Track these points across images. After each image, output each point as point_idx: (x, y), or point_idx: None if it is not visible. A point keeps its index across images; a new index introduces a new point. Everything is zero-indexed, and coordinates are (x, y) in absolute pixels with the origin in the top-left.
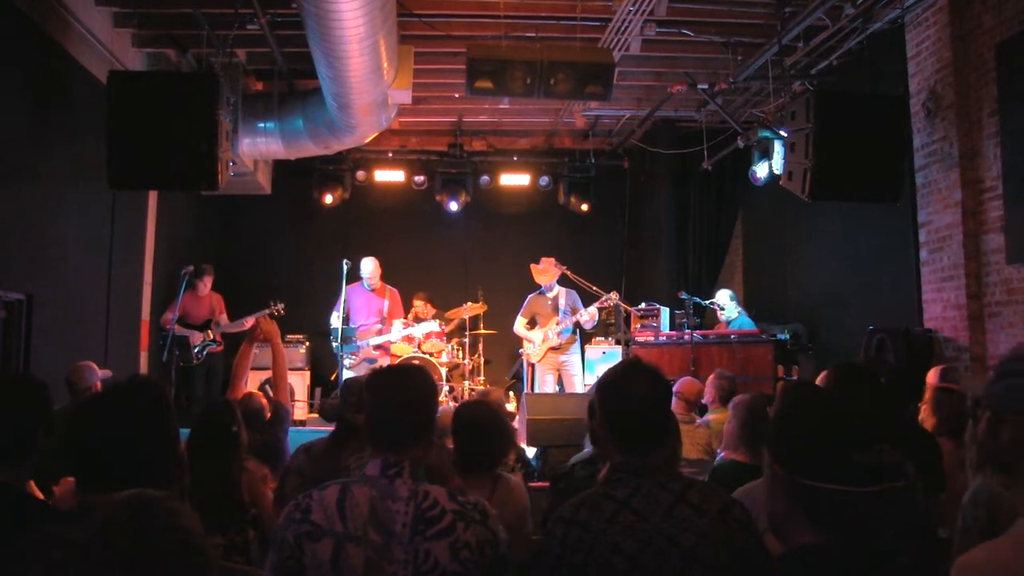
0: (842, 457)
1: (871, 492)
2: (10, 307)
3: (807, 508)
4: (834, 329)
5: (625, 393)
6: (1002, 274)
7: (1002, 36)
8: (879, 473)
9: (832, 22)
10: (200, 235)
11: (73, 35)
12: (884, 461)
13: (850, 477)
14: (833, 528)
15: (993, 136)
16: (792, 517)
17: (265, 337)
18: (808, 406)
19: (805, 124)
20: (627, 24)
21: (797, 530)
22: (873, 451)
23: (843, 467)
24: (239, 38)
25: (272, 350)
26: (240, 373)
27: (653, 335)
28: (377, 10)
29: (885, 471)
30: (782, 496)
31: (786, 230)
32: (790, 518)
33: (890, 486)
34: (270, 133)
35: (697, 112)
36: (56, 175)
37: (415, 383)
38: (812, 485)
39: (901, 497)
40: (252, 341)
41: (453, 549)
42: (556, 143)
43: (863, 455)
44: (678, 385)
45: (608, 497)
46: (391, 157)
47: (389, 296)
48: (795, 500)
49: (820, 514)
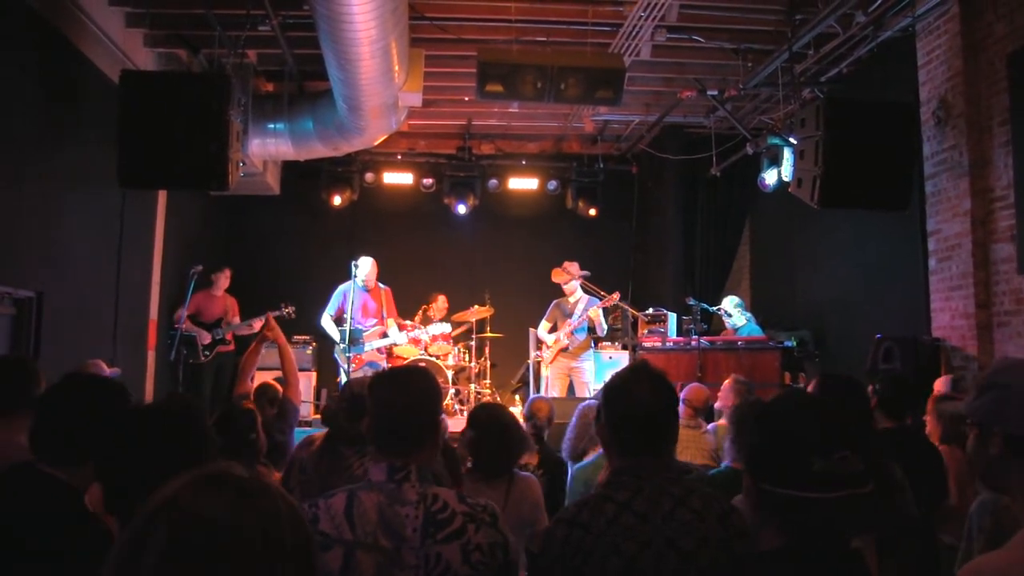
0: (800, 464)
1: (830, 499)
2: (20, 304)
3: (773, 514)
4: (841, 337)
5: (629, 397)
6: (1011, 284)
7: (1014, 46)
8: (839, 480)
9: (843, 30)
10: (208, 235)
11: (85, 34)
12: (844, 469)
13: (809, 483)
14: (798, 533)
15: (1004, 145)
16: (763, 524)
17: (273, 336)
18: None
19: (815, 131)
20: (638, 29)
21: (767, 536)
22: (833, 459)
23: (802, 474)
24: (250, 39)
25: (279, 348)
26: (247, 369)
27: (660, 340)
28: (389, 13)
29: (846, 478)
30: (752, 504)
31: (794, 237)
32: (761, 525)
33: (851, 492)
34: (280, 134)
35: (706, 118)
36: (67, 173)
37: (419, 386)
38: (775, 491)
39: (863, 504)
40: (262, 340)
41: (465, 552)
42: (565, 147)
43: (821, 463)
44: (685, 392)
45: (609, 499)
46: (400, 159)
47: (384, 294)
48: (763, 508)
49: (785, 520)
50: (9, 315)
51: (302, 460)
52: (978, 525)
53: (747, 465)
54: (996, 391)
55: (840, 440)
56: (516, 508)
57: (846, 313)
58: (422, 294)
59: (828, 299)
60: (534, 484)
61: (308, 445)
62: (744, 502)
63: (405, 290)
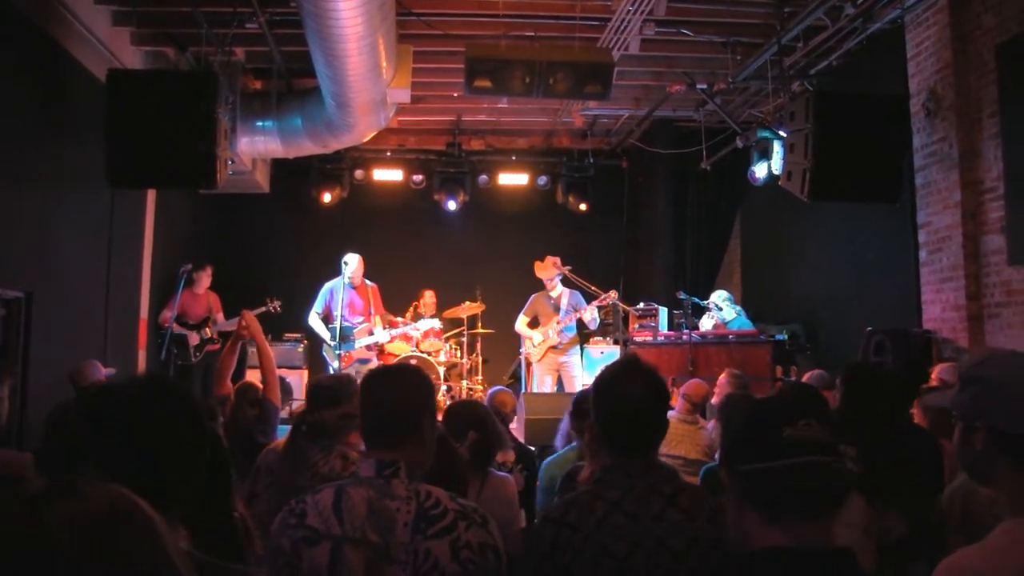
0: (773, 436)
1: (799, 464)
2: (9, 305)
3: (745, 496)
4: (833, 330)
5: (620, 393)
6: (1002, 275)
7: (1003, 37)
8: (806, 445)
9: (832, 22)
10: (198, 233)
11: (72, 33)
12: (810, 434)
13: (782, 452)
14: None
15: (994, 137)
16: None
17: (249, 334)
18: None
19: (804, 124)
20: (626, 24)
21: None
22: (798, 426)
23: (774, 444)
24: (238, 37)
25: (257, 347)
26: (225, 370)
27: (651, 335)
28: (376, 9)
29: (812, 444)
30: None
31: (785, 230)
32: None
33: (820, 459)
34: (268, 132)
35: (696, 112)
36: (55, 173)
37: (407, 383)
38: (749, 469)
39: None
40: (237, 339)
41: (454, 548)
42: (554, 143)
43: (791, 430)
44: (685, 387)
45: (599, 498)
46: (389, 156)
47: (371, 292)
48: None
49: (758, 497)
50: None
51: (268, 464)
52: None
53: (724, 456)
54: (978, 385)
55: (804, 410)
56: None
57: (837, 306)
58: (413, 291)
59: (819, 292)
60: (508, 483)
61: (273, 450)
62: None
63: (396, 287)
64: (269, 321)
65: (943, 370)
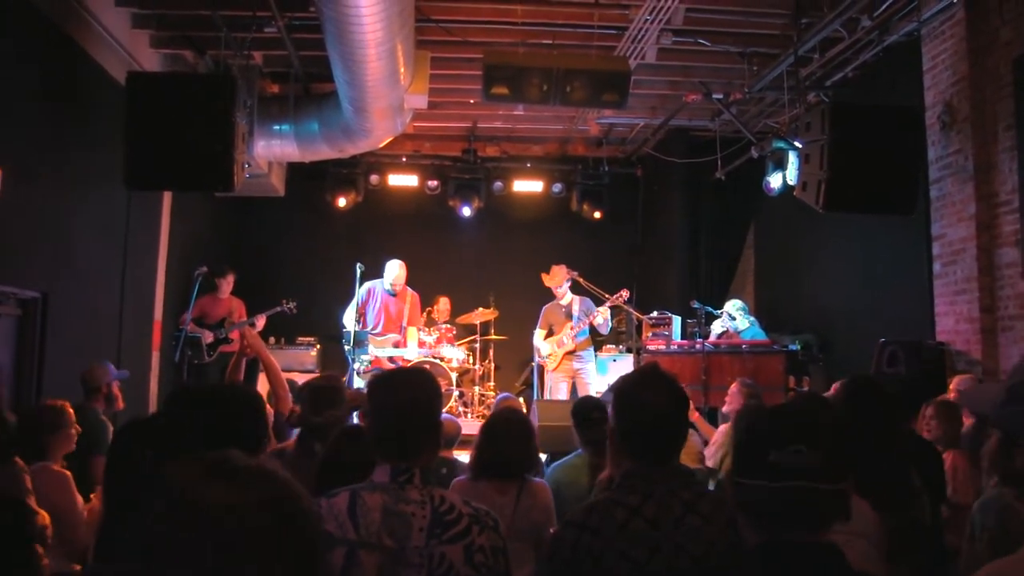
0: (759, 456)
1: (779, 488)
2: (25, 305)
3: (742, 506)
4: (846, 340)
5: (640, 401)
6: (1016, 288)
7: (1020, 50)
8: (789, 471)
9: (848, 34)
10: (213, 236)
11: (91, 35)
12: (796, 461)
13: (765, 474)
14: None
15: (1009, 150)
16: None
17: (253, 352)
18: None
19: (820, 135)
20: (643, 33)
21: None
22: (787, 451)
23: (760, 465)
24: (256, 41)
25: (263, 363)
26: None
27: (665, 344)
28: (395, 15)
29: (797, 471)
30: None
31: (798, 241)
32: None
33: (804, 485)
34: (285, 136)
35: (711, 121)
36: (72, 175)
37: (417, 388)
38: (741, 483)
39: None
40: (241, 356)
41: (468, 552)
42: (569, 150)
43: (777, 455)
44: None
45: (619, 504)
46: (405, 161)
47: (410, 300)
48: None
49: (748, 509)
50: (14, 316)
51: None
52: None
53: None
54: None
55: (796, 435)
56: (526, 514)
57: (850, 317)
58: (427, 297)
59: (832, 303)
60: (545, 489)
61: (278, 456)
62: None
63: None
64: (283, 323)
65: (961, 382)
